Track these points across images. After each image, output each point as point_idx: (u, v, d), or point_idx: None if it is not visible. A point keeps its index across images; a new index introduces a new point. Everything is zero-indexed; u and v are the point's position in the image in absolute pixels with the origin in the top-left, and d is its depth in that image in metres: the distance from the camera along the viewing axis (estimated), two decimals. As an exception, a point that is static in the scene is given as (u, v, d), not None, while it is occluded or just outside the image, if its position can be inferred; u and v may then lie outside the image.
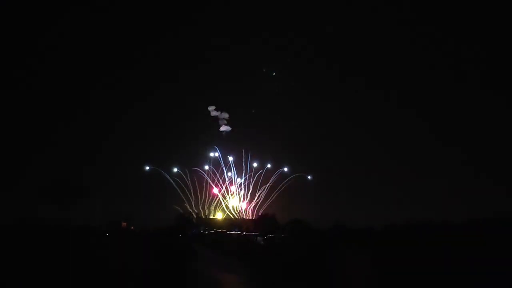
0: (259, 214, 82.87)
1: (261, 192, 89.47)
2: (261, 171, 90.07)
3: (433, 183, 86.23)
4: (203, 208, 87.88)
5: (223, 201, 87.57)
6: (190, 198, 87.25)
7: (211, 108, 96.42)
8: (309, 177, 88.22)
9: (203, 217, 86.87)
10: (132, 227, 77.92)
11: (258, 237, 25.41)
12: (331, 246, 15.73)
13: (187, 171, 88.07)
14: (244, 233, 34.13)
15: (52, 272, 12.75)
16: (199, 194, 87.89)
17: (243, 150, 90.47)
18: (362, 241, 14.86)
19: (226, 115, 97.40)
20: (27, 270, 12.58)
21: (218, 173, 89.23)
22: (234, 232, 39.05)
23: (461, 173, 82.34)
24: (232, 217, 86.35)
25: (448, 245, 11.31)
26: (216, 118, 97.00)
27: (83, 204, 74.48)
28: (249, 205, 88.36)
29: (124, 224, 78.74)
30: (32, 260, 15.00)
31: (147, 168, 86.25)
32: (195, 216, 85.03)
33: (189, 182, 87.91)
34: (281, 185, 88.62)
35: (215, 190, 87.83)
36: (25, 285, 10.76)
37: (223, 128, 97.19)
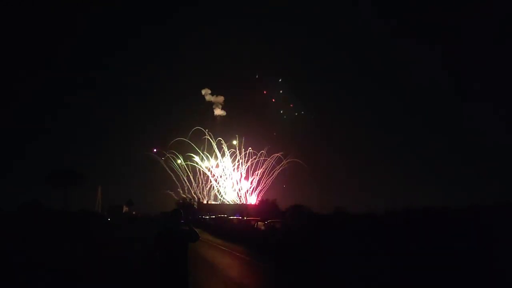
0: (260, 200, 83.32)
1: (253, 178, 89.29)
2: (255, 156, 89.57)
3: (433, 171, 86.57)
4: (196, 194, 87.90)
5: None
6: (184, 183, 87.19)
7: (205, 91, 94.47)
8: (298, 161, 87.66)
9: (205, 202, 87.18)
10: (134, 212, 78.49)
11: (258, 222, 25.47)
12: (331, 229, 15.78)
13: (180, 157, 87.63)
14: (245, 218, 34.27)
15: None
16: (192, 180, 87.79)
17: (236, 135, 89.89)
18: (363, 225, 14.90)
19: (221, 99, 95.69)
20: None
21: (212, 158, 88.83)
22: (235, 217, 39.19)
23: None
24: (233, 203, 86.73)
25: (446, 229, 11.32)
26: (210, 103, 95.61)
27: (83, 189, 74.87)
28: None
29: (125, 209, 79.32)
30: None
31: (143, 154, 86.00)
32: (196, 202, 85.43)
33: (183, 167, 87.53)
34: (275, 169, 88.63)
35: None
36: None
37: (218, 112, 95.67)
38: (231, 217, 39.33)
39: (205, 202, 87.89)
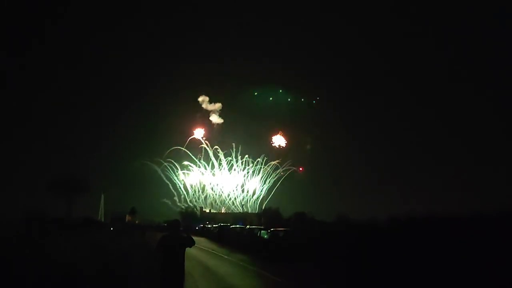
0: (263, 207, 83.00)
1: (249, 185, 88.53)
2: (252, 162, 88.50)
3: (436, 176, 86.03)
4: (192, 202, 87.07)
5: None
6: (181, 192, 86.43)
7: (202, 98, 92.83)
8: (300, 169, 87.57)
9: (207, 211, 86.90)
10: (136, 221, 78.17)
11: (261, 231, 25.42)
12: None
13: (177, 166, 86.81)
14: (248, 227, 34.20)
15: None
16: (189, 188, 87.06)
17: (233, 144, 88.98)
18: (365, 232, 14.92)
19: (218, 106, 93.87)
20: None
21: (209, 166, 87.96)
22: (238, 226, 39.11)
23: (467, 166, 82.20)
24: (236, 211, 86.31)
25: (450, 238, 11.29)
26: (207, 111, 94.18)
27: (86, 198, 74.44)
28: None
29: (128, 218, 79.04)
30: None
31: (140, 163, 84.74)
32: (198, 211, 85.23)
33: (180, 176, 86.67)
34: (272, 175, 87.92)
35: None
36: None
37: (215, 119, 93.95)
38: (234, 226, 39.24)
39: (207, 211, 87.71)
